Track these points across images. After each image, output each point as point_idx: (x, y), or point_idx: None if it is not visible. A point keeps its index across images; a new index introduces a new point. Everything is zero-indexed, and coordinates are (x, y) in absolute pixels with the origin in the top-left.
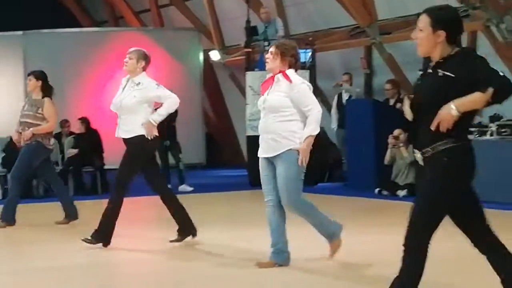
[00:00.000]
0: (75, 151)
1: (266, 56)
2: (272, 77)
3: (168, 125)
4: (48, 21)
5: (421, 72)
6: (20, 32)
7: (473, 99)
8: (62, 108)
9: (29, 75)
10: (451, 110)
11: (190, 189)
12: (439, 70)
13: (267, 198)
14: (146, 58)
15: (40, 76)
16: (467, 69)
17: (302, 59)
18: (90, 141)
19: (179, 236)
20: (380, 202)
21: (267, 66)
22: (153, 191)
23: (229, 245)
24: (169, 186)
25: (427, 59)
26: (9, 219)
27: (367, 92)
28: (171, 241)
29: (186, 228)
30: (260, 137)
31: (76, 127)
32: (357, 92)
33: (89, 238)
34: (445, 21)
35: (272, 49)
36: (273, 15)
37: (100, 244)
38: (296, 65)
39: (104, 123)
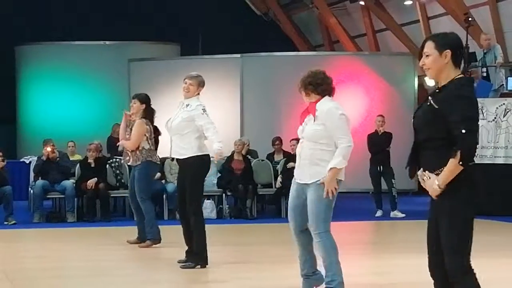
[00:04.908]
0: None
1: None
2: (307, 109)
3: (382, 150)
4: (265, 45)
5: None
6: (238, 55)
7: (451, 169)
8: (274, 128)
9: (133, 98)
10: (435, 190)
11: (402, 215)
12: (430, 98)
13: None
14: (204, 85)
15: (144, 99)
16: (448, 106)
17: None
18: None
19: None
20: None
21: (304, 100)
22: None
23: None
24: (379, 211)
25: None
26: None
27: None
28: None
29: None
30: (296, 163)
31: (290, 148)
32: None
33: (188, 263)
34: (450, 43)
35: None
36: (493, 42)
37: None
38: (328, 90)
39: None
